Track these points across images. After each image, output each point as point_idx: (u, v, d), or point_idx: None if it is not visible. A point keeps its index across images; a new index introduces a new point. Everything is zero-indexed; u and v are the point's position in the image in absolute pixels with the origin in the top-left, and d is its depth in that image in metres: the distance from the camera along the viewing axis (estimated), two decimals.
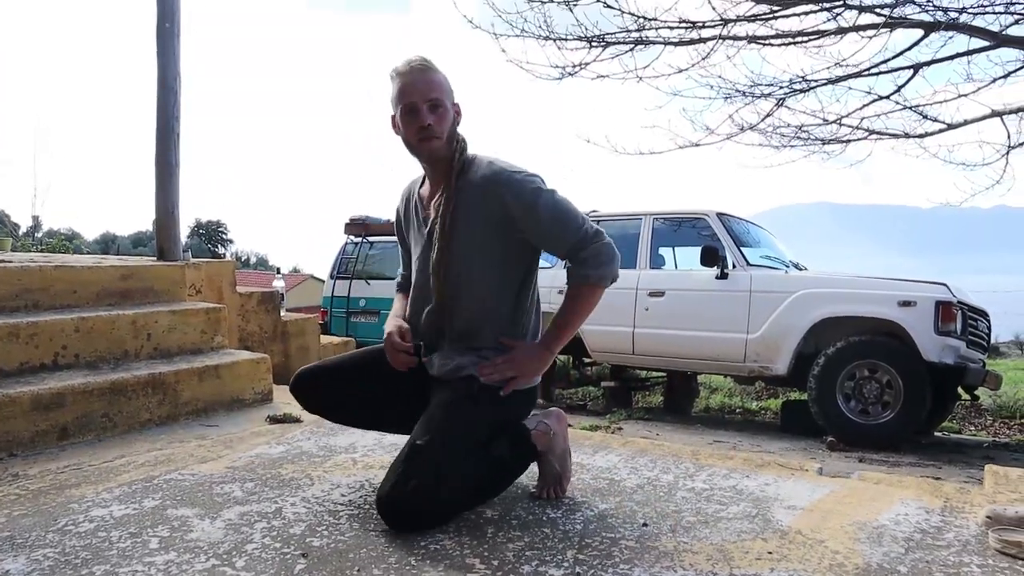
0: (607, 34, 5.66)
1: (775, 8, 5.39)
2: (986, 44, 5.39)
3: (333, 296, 8.91)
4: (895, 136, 6.02)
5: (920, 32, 5.40)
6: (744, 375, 5.55)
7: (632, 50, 5.70)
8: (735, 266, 5.47)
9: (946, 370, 4.66)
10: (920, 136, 5.95)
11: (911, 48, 5.58)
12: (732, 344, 5.34)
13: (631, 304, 5.77)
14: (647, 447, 2.44)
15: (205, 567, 1.34)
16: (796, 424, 5.53)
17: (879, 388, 4.78)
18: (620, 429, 5.08)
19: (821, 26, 5.52)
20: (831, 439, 4.82)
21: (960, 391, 5.25)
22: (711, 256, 5.38)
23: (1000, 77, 5.54)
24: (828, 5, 5.27)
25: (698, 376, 7.09)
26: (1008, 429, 6.62)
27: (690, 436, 5.07)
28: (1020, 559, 1.47)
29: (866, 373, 4.82)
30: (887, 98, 5.88)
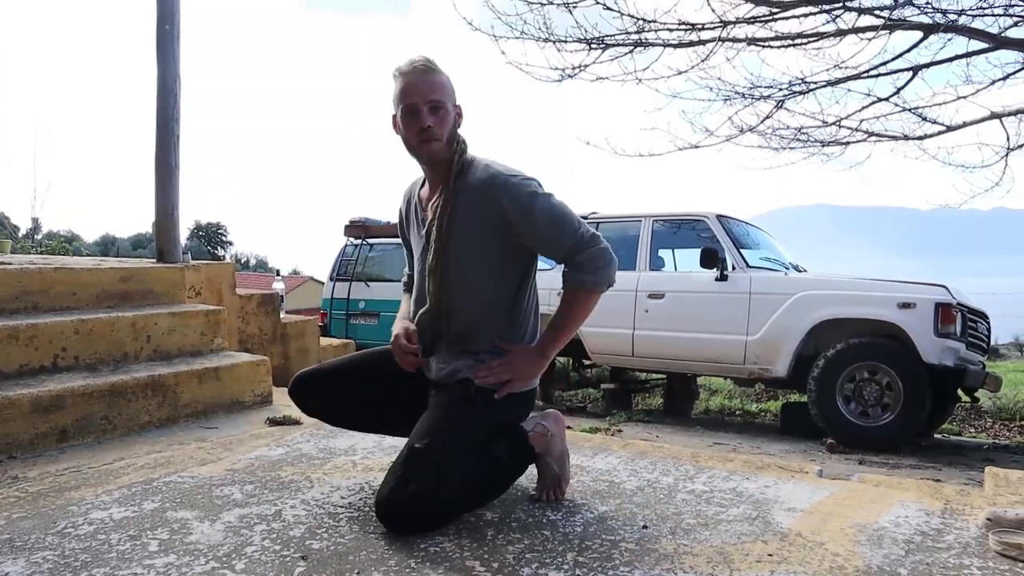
0: (606, 36, 5.66)
1: (774, 10, 5.39)
2: (985, 46, 5.39)
3: (333, 298, 8.91)
4: (894, 138, 6.03)
5: (919, 34, 5.41)
6: (744, 377, 5.56)
7: (631, 52, 5.71)
8: (735, 268, 5.47)
9: (946, 372, 4.67)
10: (919, 138, 5.95)
11: (910, 50, 5.59)
12: (732, 346, 5.34)
13: (631, 306, 5.77)
14: (647, 449, 2.44)
15: (205, 569, 1.34)
16: (796, 426, 5.53)
17: (879, 390, 4.78)
18: (620, 431, 5.07)
19: (820, 28, 5.53)
20: (831, 441, 4.82)
21: (960, 393, 5.25)
22: (711, 258, 5.38)
23: (999, 79, 5.54)
24: (827, 7, 5.28)
25: (698, 378, 7.09)
26: (1008, 431, 6.62)
27: (690, 438, 5.07)
28: (1020, 561, 1.47)
29: (866, 375, 4.83)
30: (886, 100, 5.89)
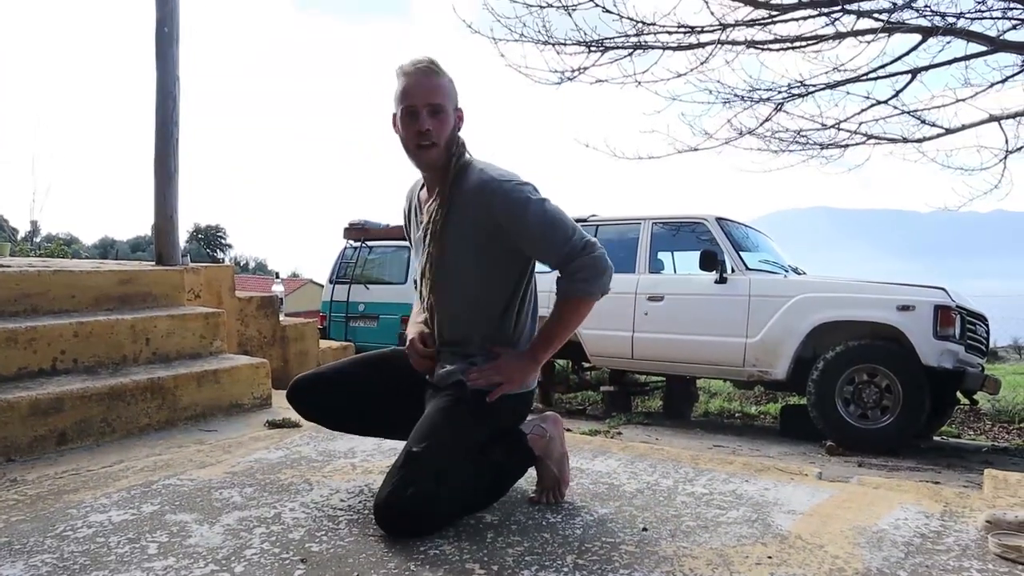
0: (606, 39, 5.67)
1: (773, 13, 5.40)
2: (984, 49, 5.41)
3: (332, 300, 8.91)
4: (893, 141, 6.04)
5: (918, 37, 5.43)
6: (743, 379, 5.56)
7: (631, 55, 5.72)
8: (734, 270, 5.48)
9: (945, 374, 4.67)
10: (918, 141, 5.96)
11: (909, 53, 5.60)
12: (731, 348, 5.35)
13: (630, 308, 5.77)
14: (646, 451, 2.44)
15: (204, 572, 1.34)
16: (795, 428, 5.53)
17: (878, 392, 4.78)
18: (619, 434, 5.07)
19: (819, 31, 5.54)
20: (830, 443, 4.82)
21: (959, 395, 5.25)
22: (710, 260, 5.39)
23: (998, 82, 5.55)
24: (826, 10, 5.29)
25: (697, 380, 7.09)
26: (1007, 433, 6.63)
27: (689, 440, 5.07)
28: (1020, 563, 1.47)
29: (865, 377, 4.83)
30: (885, 103, 5.90)
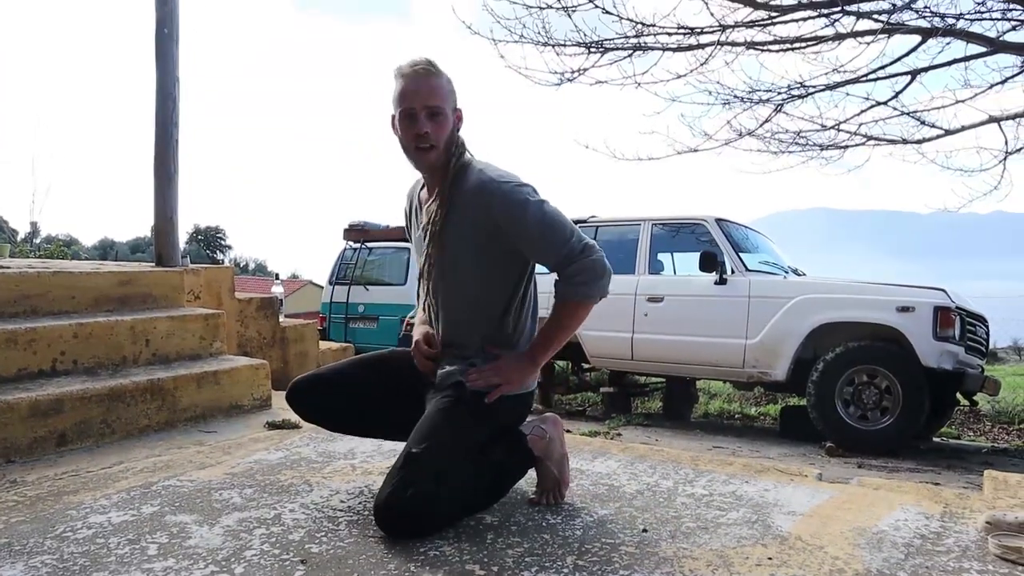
0: (605, 40, 5.68)
1: (773, 14, 5.41)
2: (983, 50, 5.41)
3: (332, 302, 8.91)
4: (893, 142, 6.05)
5: (918, 38, 5.43)
6: (743, 381, 5.56)
7: (630, 56, 5.73)
8: (734, 272, 5.48)
9: (945, 375, 4.67)
10: (918, 142, 5.97)
11: (909, 54, 5.61)
12: (731, 350, 5.35)
13: (630, 309, 5.77)
14: (646, 453, 2.44)
15: (204, 574, 1.34)
16: (795, 430, 5.52)
17: (878, 394, 4.78)
18: (619, 435, 5.07)
19: (819, 32, 5.56)
20: (830, 445, 4.82)
21: (959, 397, 5.25)
22: (710, 262, 5.39)
23: (997, 83, 5.56)
24: (826, 11, 5.30)
25: (697, 382, 7.08)
26: (1007, 435, 6.62)
27: (689, 442, 5.07)
28: (1020, 564, 1.47)
29: (865, 379, 4.83)
30: (885, 104, 5.91)
